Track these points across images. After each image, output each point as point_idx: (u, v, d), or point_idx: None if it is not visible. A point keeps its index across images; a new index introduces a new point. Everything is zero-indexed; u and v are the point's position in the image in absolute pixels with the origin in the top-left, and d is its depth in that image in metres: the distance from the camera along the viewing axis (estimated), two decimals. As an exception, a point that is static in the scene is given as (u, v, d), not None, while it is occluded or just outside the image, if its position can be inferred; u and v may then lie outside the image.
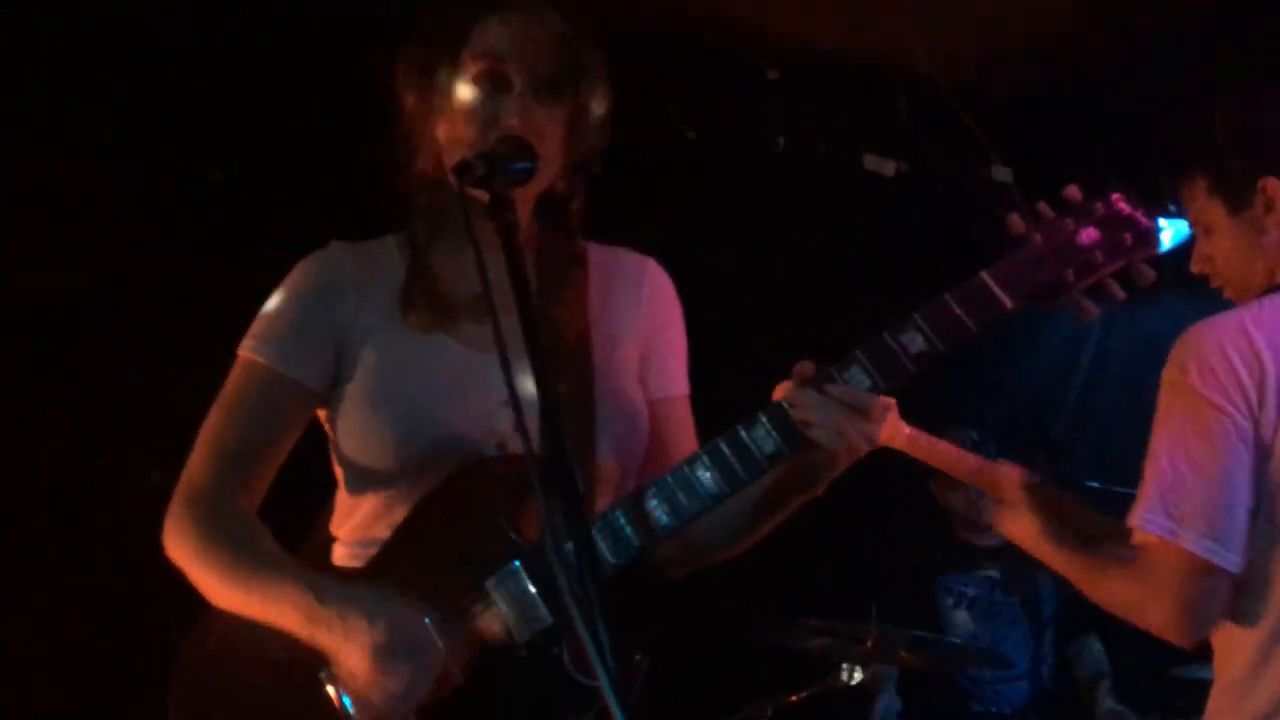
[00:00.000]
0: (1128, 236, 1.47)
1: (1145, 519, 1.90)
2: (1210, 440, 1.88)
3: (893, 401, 2.16)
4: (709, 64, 3.90)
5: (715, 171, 3.95)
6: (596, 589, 1.21)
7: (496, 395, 1.60)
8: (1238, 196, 2.04)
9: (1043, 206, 1.50)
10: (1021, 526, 2.16)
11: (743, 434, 1.50)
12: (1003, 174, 4.18)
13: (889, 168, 4.21)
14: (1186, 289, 2.24)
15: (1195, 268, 2.15)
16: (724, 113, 3.97)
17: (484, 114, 1.58)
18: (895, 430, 2.32)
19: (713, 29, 3.77)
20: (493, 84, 1.58)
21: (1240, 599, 1.92)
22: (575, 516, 1.27)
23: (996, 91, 3.83)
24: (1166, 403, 1.95)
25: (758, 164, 4.03)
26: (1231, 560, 1.86)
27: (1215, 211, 2.07)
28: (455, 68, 1.60)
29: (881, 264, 4.12)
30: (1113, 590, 2.00)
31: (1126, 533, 1.98)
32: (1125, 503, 2.19)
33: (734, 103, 3.99)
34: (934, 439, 2.36)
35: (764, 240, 4.05)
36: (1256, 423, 1.89)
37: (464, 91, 1.59)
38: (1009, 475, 2.24)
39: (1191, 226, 2.13)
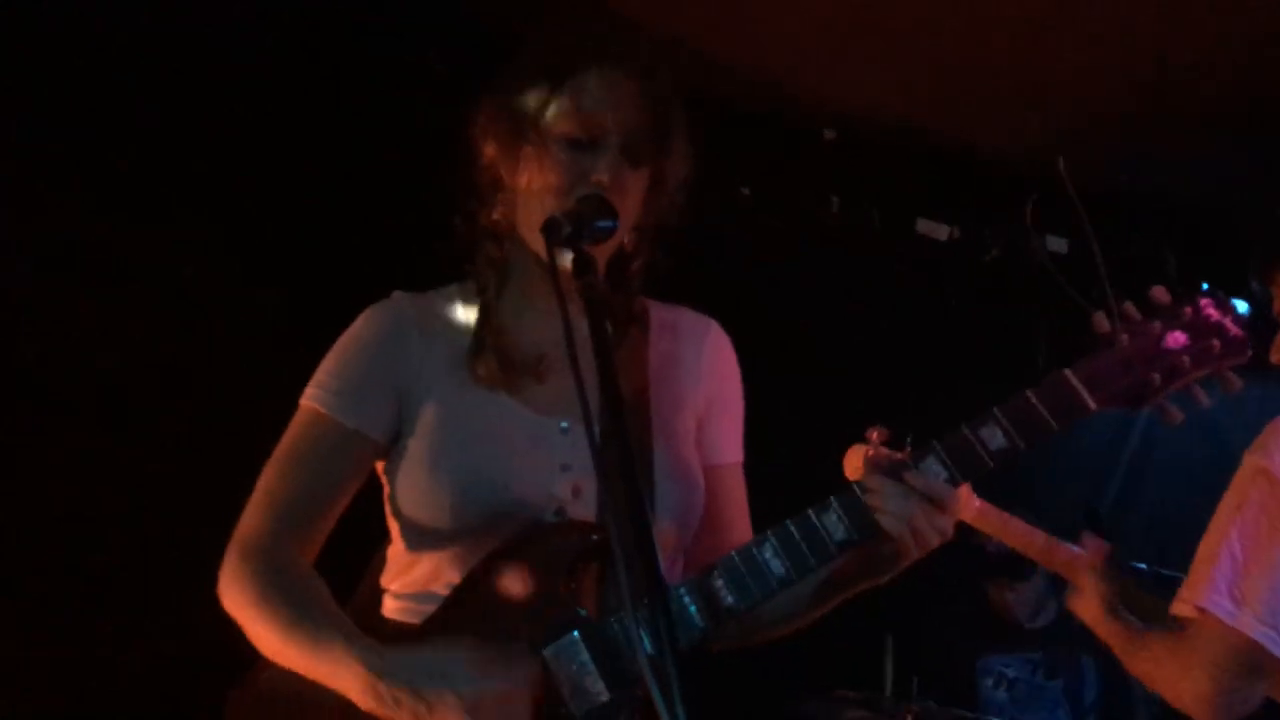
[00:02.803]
0: (1216, 344, 1.46)
1: (1208, 598, 1.88)
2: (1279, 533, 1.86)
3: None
4: (765, 124, 3.91)
5: (769, 229, 3.94)
6: (675, 657, 1.16)
7: (556, 459, 1.59)
8: None
9: (1129, 307, 1.48)
10: (1086, 606, 2.17)
11: (813, 518, 1.47)
12: (1057, 245, 4.16)
13: (942, 232, 4.20)
14: (1240, 368, 2.21)
15: (1276, 358, 2.12)
16: (779, 173, 3.98)
17: (575, 168, 1.57)
18: (966, 503, 2.29)
19: (770, 90, 3.78)
20: (586, 139, 1.58)
21: None
22: (654, 587, 1.22)
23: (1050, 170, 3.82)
24: (1243, 485, 1.93)
25: (811, 224, 4.02)
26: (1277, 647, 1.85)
27: None
28: (548, 120, 1.59)
29: (932, 328, 4.09)
30: (1150, 660, 1.99)
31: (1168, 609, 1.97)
32: (1173, 585, 2.15)
33: (789, 163, 3.99)
34: (1005, 514, 2.33)
35: (815, 301, 4.03)
36: None
37: (556, 144, 1.58)
38: (1079, 558, 2.22)
39: (1278, 316, 2.11)
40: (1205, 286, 1.53)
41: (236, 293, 3.16)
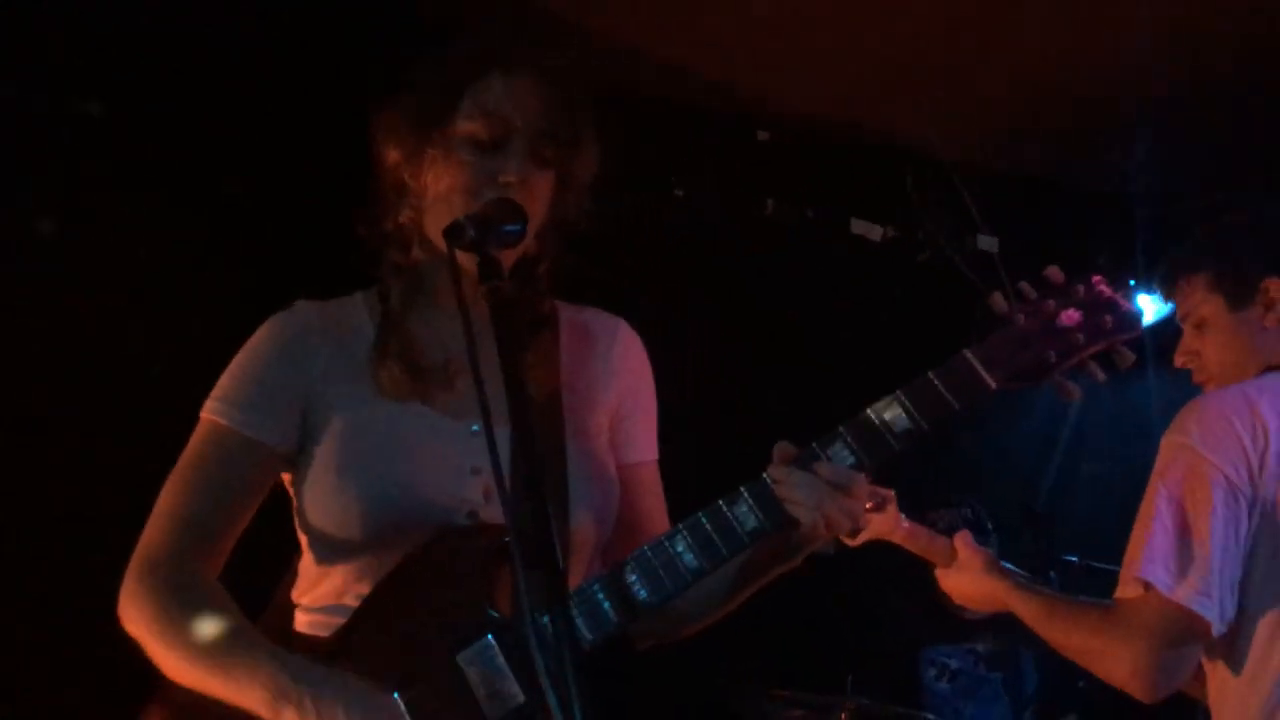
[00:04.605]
0: (1109, 319, 1.49)
1: (1147, 571, 1.89)
2: (1210, 501, 1.89)
3: (892, 494, 2.16)
4: (701, 123, 3.92)
5: (703, 231, 3.95)
6: (574, 666, 1.17)
7: (467, 462, 1.57)
8: (1239, 293, 2.08)
9: (1025, 287, 1.51)
10: (984, 582, 2.18)
11: (724, 509, 1.47)
12: (987, 243, 4.22)
13: (876, 232, 4.24)
14: (1168, 364, 2.25)
15: (1180, 361, 2.18)
16: (714, 172, 3.99)
17: (482, 170, 1.55)
18: (894, 524, 2.30)
19: (705, 89, 3.79)
20: (493, 141, 1.56)
21: (1243, 662, 1.91)
22: (555, 590, 1.23)
23: (985, 166, 3.88)
24: (1167, 463, 1.96)
25: (746, 224, 4.03)
26: (1217, 618, 1.87)
27: (1213, 307, 2.10)
28: (454, 122, 1.57)
29: (866, 327, 4.12)
30: (1081, 632, 1.98)
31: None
32: (1104, 577, 2.17)
33: (724, 163, 4.00)
34: (933, 534, 2.35)
35: (749, 301, 4.04)
36: (1256, 486, 1.90)
37: (463, 146, 1.57)
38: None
39: (1181, 320, 2.16)
40: (1131, 284, 1.57)
41: (240, 294, 3.10)
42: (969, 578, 2.21)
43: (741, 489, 1.47)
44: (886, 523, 2.30)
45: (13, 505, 2.85)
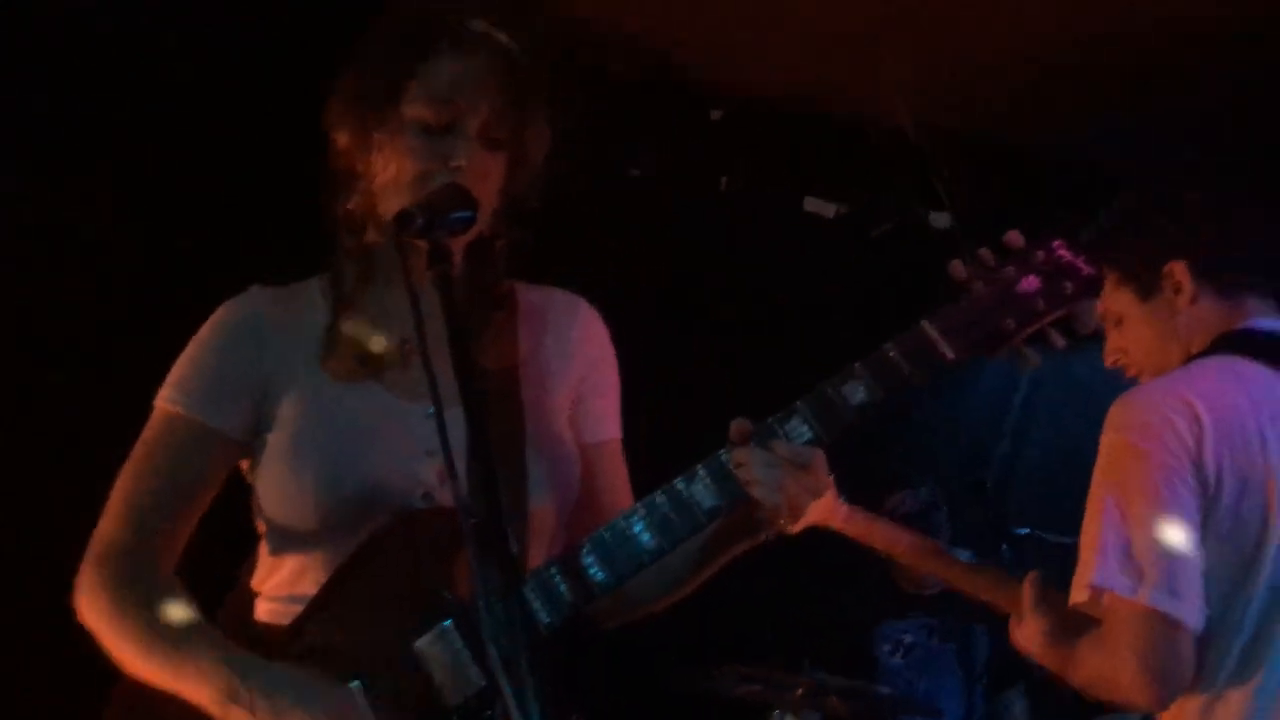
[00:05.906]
0: (1068, 285, 1.46)
1: (1103, 577, 1.83)
2: (1158, 495, 1.85)
3: (830, 480, 2.14)
4: (654, 102, 3.90)
5: (657, 209, 3.93)
6: (528, 651, 1.17)
7: (421, 444, 1.55)
8: (1146, 283, 2.05)
9: (984, 253, 1.48)
10: (1028, 632, 2.03)
11: (681, 488, 1.46)
12: (941, 220, 4.23)
13: (829, 210, 4.25)
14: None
15: (1109, 361, 2.13)
16: (667, 151, 3.97)
17: (432, 154, 1.53)
18: (833, 509, 2.27)
19: (659, 67, 3.77)
20: (442, 124, 1.54)
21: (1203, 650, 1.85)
22: (508, 575, 1.23)
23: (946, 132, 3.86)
24: (1108, 464, 1.92)
25: (700, 203, 4.02)
26: (1189, 613, 1.81)
27: (1125, 301, 2.07)
28: (402, 104, 1.55)
29: (820, 305, 4.14)
30: (1087, 664, 1.90)
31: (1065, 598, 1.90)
32: (1053, 550, 2.13)
33: (678, 141, 3.98)
34: (871, 517, 2.32)
35: (704, 279, 4.04)
36: (1199, 471, 1.86)
37: (411, 130, 1.54)
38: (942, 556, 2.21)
39: (1101, 319, 2.10)
40: None
41: (87, 289, 3.05)
42: (1028, 635, 2.01)
43: (699, 467, 1.46)
44: (824, 508, 2.24)
45: (12, 505, 2.83)
